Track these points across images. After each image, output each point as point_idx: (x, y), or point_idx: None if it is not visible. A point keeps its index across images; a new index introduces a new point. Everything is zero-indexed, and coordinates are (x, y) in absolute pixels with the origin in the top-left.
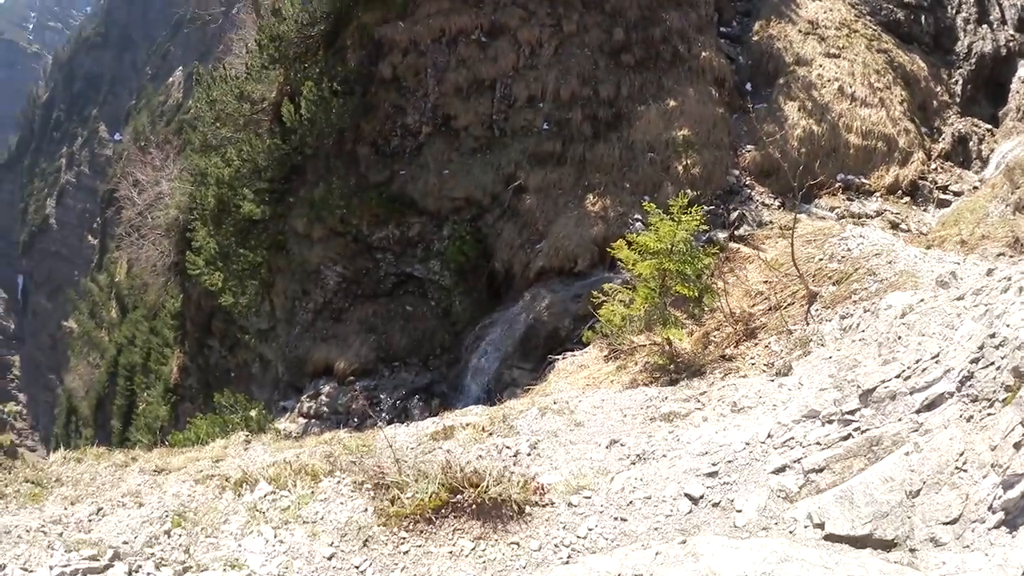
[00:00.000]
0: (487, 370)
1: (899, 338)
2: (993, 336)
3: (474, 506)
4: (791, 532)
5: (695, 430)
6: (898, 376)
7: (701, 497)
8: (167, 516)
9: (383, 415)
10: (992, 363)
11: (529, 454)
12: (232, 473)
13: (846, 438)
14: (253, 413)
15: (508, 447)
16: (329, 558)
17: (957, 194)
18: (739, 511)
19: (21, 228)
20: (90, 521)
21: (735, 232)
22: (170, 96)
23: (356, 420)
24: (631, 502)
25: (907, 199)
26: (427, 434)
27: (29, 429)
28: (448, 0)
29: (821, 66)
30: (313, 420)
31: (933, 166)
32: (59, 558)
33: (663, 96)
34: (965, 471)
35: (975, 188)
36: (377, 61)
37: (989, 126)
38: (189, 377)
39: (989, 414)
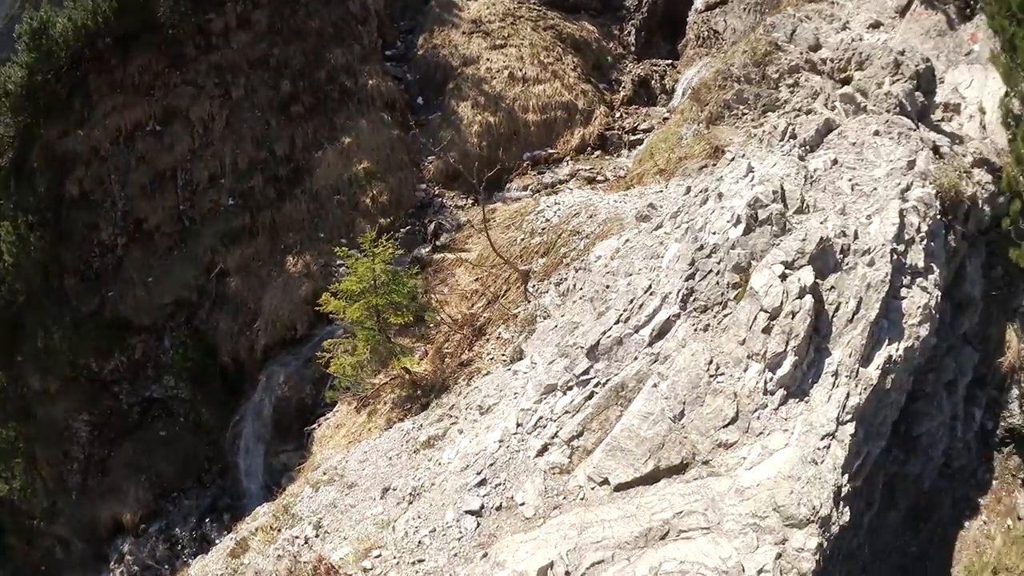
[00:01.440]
0: (256, 466)
1: (607, 287)
2: (701, 248)
3: None
4: (582, 499)
5: (451, 448)
6: (618, 322)
7: (481, 508)
8: None
9: (187, 551)
10: (709, 271)
11: (317, 535)
12: None
13: (590, 397)
14: None
15: (296, 536)
16: None
17: (648, 131)
18: (522, 504)
19: None
20: None
21: (437, 243)
22: None
23: (167, 567)
24: (420, 542)
25: (598, 152)
26: (227, 553)
27: None
28: (121, 95)
29: (489, 59)
30: None
31: (618, 115)
32: None
33: (338, 136)
34: (722, 374)
35: (665, 119)
36: (64, 180)
37: (670, 61)
38: None
39: (726, 315)
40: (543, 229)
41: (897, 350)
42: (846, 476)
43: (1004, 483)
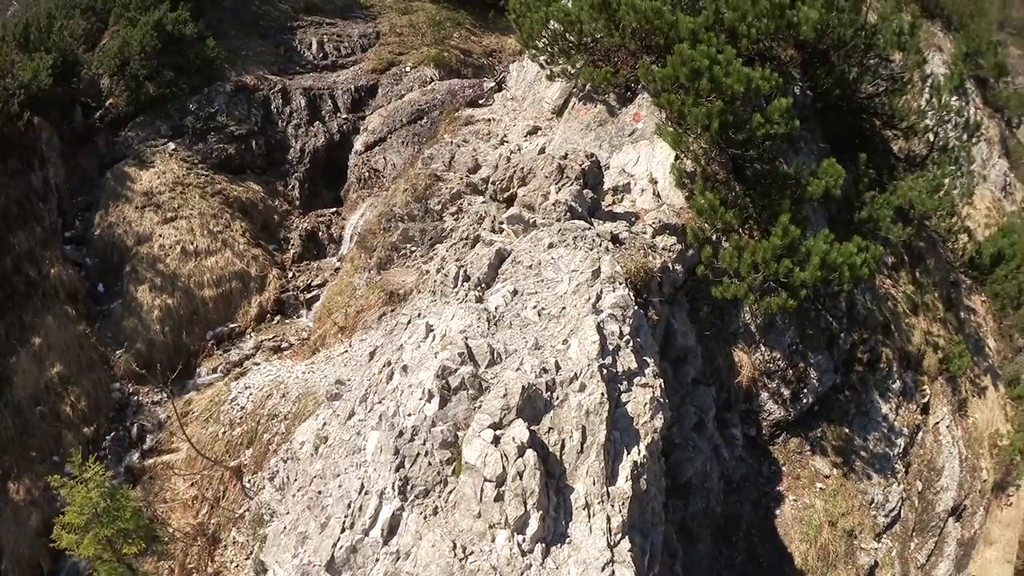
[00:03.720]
0: None
1: (320, 492)
2: (401, 434)
3: None
4: None
5: None
6: (344, 530)
7: None
8: None
9: None
10: (418, 454)
11: None
12: None
13: None
14: None
15: None
16: None
17: (322, 285)
18: None
19: None
20: None
21: (144, 447)
22: None
23: None
24: None
25: (278, 318)
26: None
27: None
28: None
29: (161, 235)
30: None
31: (291, 274)
32: None
33: (28, 336)
34: (472, 553)
35: (337, 270)
36: None
37: (335, 209)
38: None
39: (451, 491)
40: (241, 418)
41: (640, 453)
42: None
43: (793, 463)
